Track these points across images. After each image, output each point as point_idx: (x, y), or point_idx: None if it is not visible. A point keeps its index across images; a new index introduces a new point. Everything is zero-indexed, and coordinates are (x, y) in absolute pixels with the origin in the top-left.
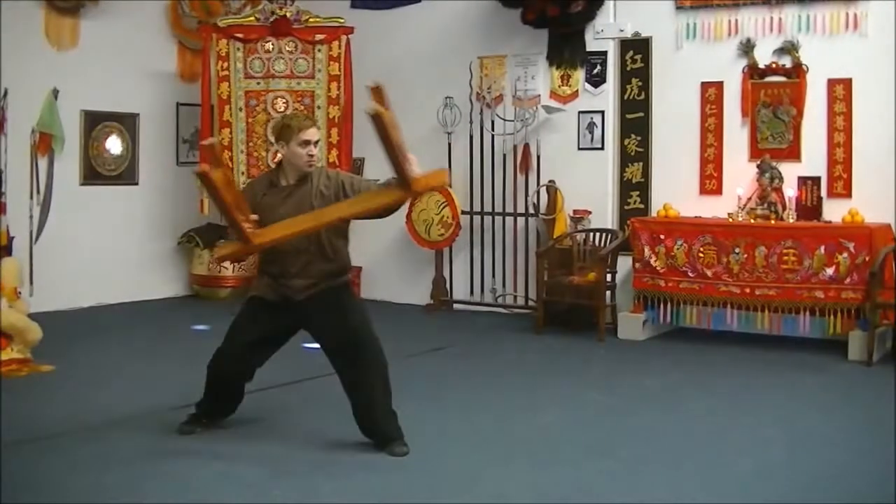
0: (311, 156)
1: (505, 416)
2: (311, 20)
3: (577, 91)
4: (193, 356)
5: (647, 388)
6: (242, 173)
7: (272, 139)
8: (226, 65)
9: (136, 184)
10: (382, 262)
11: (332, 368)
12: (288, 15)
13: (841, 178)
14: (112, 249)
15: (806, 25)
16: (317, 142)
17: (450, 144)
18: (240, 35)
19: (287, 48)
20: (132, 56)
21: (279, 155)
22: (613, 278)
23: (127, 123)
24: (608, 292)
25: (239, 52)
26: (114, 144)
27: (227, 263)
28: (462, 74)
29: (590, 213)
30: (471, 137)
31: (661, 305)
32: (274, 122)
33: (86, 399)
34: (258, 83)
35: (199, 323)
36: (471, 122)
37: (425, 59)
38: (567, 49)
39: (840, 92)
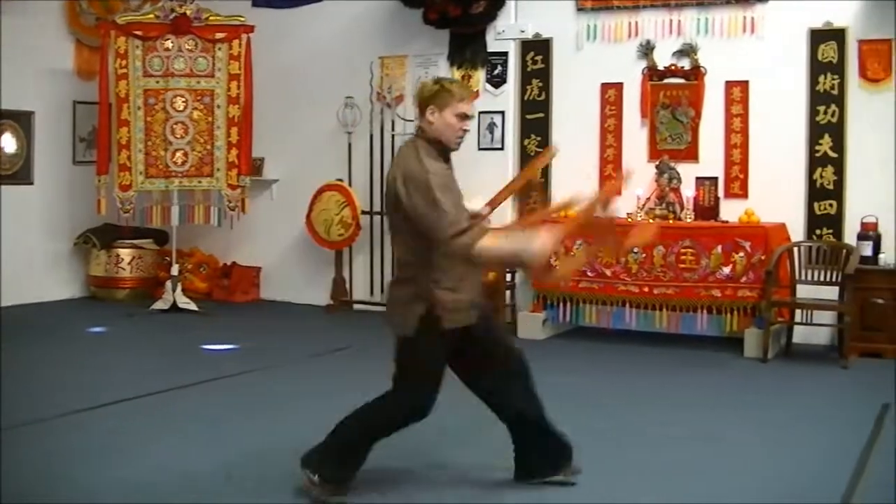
0: (466, 132)
1: None
2: (211, 18)
3: (477, 91)
4: (89, 360)
5: (547, 386)
6: (141, 173)
7: (417, 102)
8: (124, 62)
9: (31, 183)
10: (282, 262)
11: (232, 370)
12: (188, 13)
13: (738, 178)
14: (6, 250)
15: (705, 28)
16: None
17: (350, 144)
18: (139, 32)
19: (187, 46)
20: (28, 53)
21: (428, 119)
22: (513, 278)
23: (22, 121)
24: (508, 292)
25: (138, 50)
26: (8, 143)
27: (124, 264)
28: (363, 74)
29: (490, 213)
30: (371, 137)
31: (561, 305)
32: (424, 84)
33: None
34: (157, 81)
35: (94, 325)
36: (371, 122)
37: (326, 58)
38: (468, 49)
39: (737, 94)
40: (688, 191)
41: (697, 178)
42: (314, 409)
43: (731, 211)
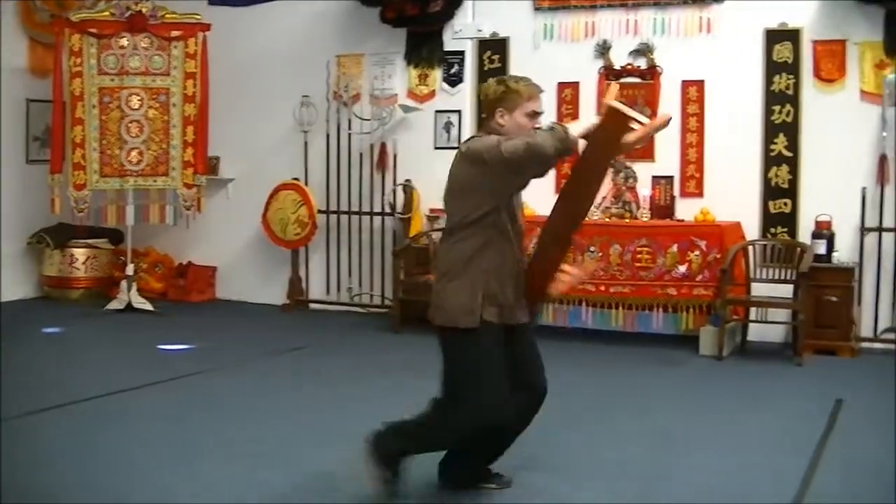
0: (538, 129)
1: (366, 415)
2: (167, 16)
3: (434, 90)
4: (44, 361)
5: None
6: (95, 172)
7: (483, 105)
8: (79, 60)
9: None
10: (237, 260)
11: (187, 370)
12: (144, 10)
13: (693, 177)
14: None
15: (661, 28)
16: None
17: (306, 143)
18: (94, 30)
19: (142, 44)
20: None
21: (498, 122)
22: None
23: None
24: None
25: (93, 48)
26: None
27: (79, 263)
28: (319, 73)
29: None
30: (327, 136)
31: None
32: (488, 86)
33: None
34: (112, 80)
35: (49, 326)
36: (328, 121)
37: (282, 57)
38: (425, 48)
39: (693, 93)
40: (644, 190)
41: (653, 177)
42: (270, 407)
43: (686, 210)
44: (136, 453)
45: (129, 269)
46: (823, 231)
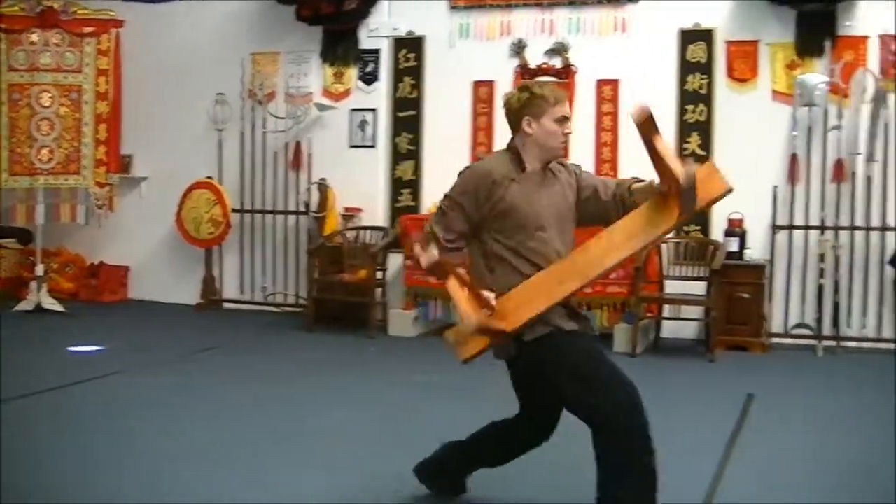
0: (568, 135)
1: (283, 415)
2: (79, 12)
3: (349, 89)
4: None
5: (419, 383)
6: (4, 170)
7: (508, 116)
8: None
9: None
10: (150, 260)
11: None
12: (55, 6)
13: (608, 176)
14: None
15: (576, 27)
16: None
17: (220, 141)
18: (3, 25)
19: (54, 40)
20: None
21: (525, 131)
22: (384, 276)
23: None
24: (379, 289)
25: (2, 44)
26: None
27: None
28: (234, 71)
29: (361, 210)
30: (242, 135)
31: (432, 302)
32: (511, 95)
33: None
34: (22, 76)
35: None
36: (242, 119)
37: (197, 54)
38: (341, 47)
39: (608, 92)
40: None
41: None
42: (185, 407)
43: None
44: (46, 455)
45: (39, 270)
46: (736, 229)
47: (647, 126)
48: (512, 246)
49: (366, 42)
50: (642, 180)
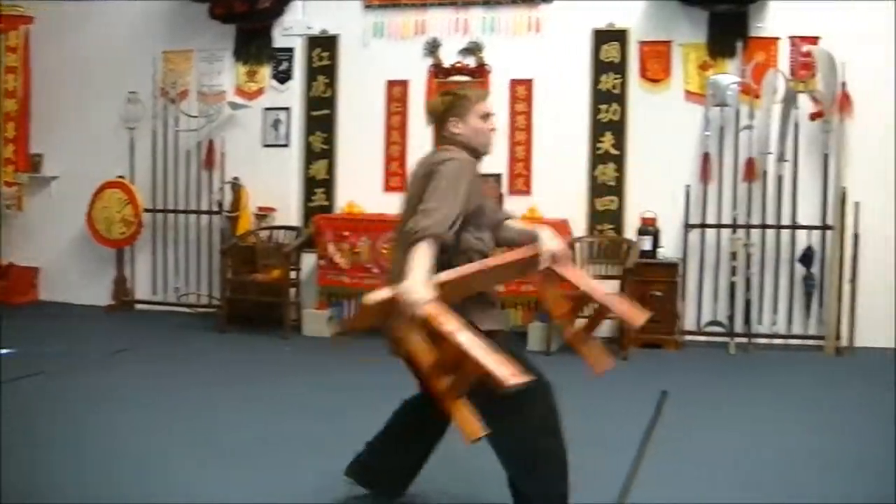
0: (494, 131)
1: (198, 416)
2: None
3: (262, 87)
4: None
5: (333, 383)
6: None
7: (434, 120)
8: None
9: None
10: (61, 261)
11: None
12: None
13: (521, 175)
14: None
15: (490, 27)
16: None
17: (132, 140)
18: None
19: None
20: None
21: (452, 131)
22: (298, 275)
23: None
24: (292, 289)
25: None
26: None
27: None
28: (146, 69)
29: (274, 210)
30: (154, 133)
31: (346, 302)
32: (434, 100)
33: None
34: None
35: None
36: (154, 118)
37: (108, 52)
38: (254, 45)
39: (522, 92)
40: None
41: (482, 175)
42: (92, 411)
43: (514, 207)
44: None
45: None
46: (649, 228)
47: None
48: (479, 244)
49: (279, 41)
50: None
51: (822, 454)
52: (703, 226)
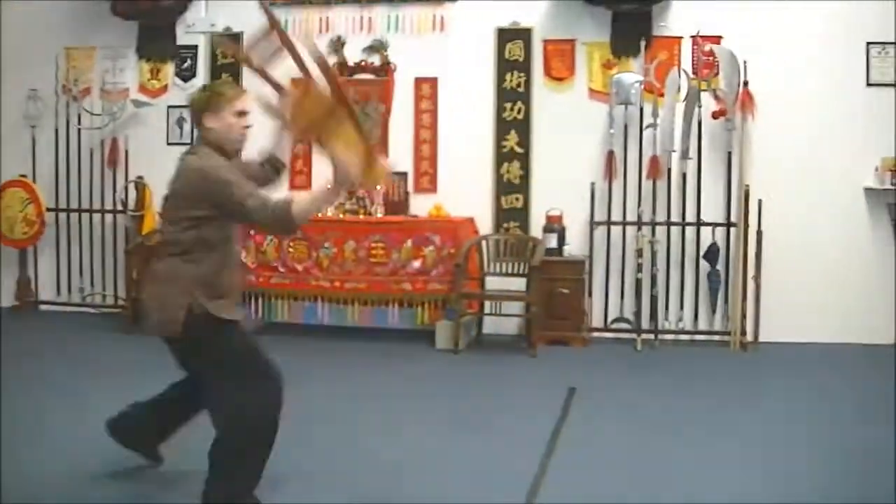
0: (247, 128)
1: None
2: None
3: (166, 85)
4: None
5: None
6: None
7: (192, 114)
8: None
9: None
10: None
11: None
12: None
13: (427, 173)
14: None
15: (395, 25)
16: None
17: (34, 138)
18: None
19: None
20: None
21: (206, 126)
22: None
23: None
24: None
25: None
26: None
27: None
28: (48, 66)
29: None
30: (56, 131)
31: (252, 301)
32: (194, 95)
33: None
34: None
35: None
36: (57, 116)
37: (8, 49)
38: (157, 42)
39: (426, 90)
40: (377, 186)
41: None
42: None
43: (420, 206)
44: None
45: None
46: (554, 225)
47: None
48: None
49: (183, 38)
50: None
51: (728, 449)
52: (609, 223)
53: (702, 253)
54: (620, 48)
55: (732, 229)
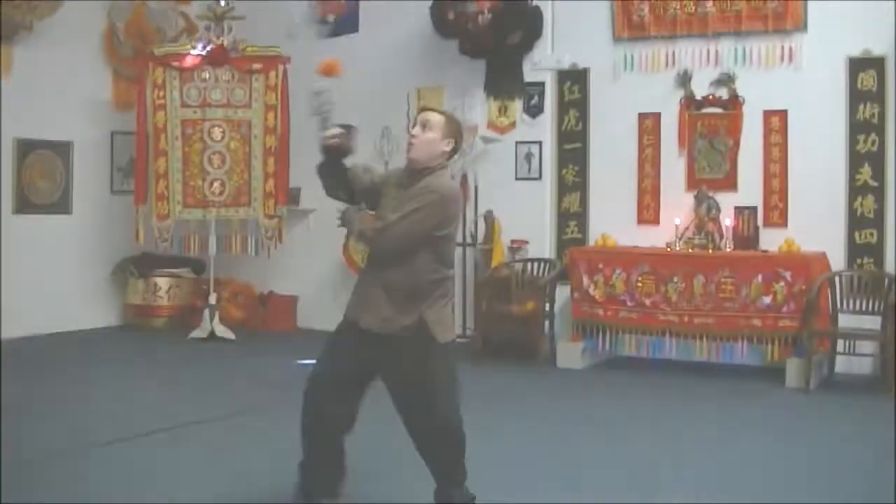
0: (411, 136)
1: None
2: (248, 49)
3: (514, 121)
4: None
5: (583, 416)
6: (178, 202)
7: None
8: (162, 93)
9: (70, 213)
10: (319, 290)
11: None
12: (225, 44)
13: (777, 207)
14: (45, 279)
15: (742, 58)
16: (425, 124)
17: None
18: (176, 64)
19: (224, 77)
20: (66, 84)
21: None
22: (552, 308)
23: (60, 151)
24: (546, 322)
25: (175, 81)
26: (46, 173)
27: (162, 292)
28: (399, 104)
29: (527, 242)
30: None
31: (600, 334)
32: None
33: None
34: (194, 112)
35: (134, 354)
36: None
37: (363, 88)
38: (505, 80)
39: (776, 123)
40: (726, 220)
41: (736, 208)
42: None
43: (770, 240)
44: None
45: (212, 299)
46: None
47: None
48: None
49: (530, 75)
50: None
51: None
52: None
53: None
54: None
55: None
